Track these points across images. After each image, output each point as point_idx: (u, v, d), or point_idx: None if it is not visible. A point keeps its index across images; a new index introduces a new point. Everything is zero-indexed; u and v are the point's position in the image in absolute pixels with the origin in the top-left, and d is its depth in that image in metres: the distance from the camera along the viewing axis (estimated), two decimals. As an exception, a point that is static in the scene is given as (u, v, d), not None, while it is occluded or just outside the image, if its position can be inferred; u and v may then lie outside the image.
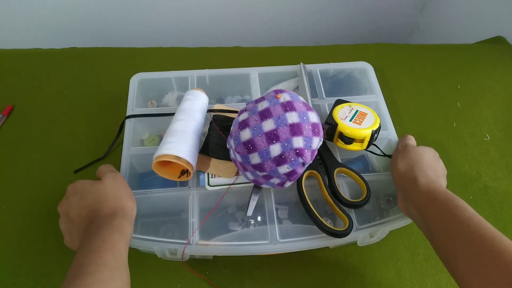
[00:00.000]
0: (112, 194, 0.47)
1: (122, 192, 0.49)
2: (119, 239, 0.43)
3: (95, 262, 0.39)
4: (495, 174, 0.68)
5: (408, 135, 0.58)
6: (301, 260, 0.57)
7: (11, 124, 0.71)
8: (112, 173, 0.50)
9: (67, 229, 0.47)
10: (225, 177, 0.55)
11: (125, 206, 0.47)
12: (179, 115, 0.56)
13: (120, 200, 0.47)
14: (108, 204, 0.46)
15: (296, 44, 0.89)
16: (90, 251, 0.40)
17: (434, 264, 0.58)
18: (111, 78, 0.78)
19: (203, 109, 0.59)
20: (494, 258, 0.36)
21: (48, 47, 0.83)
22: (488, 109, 0.77)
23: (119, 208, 0.46)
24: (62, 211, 0.47)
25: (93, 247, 0.40)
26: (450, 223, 0.42)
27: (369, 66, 0.71)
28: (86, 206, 0.46)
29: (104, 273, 0.38)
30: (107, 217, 0.45)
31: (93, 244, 0.41)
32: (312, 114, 0.50)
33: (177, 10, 1.13)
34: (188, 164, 0.50)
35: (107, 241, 0.41)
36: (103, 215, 0.45)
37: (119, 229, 0.44)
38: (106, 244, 0.41)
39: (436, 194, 0.45)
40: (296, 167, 0.48)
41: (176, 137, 0.52)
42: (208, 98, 0.61)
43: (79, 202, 0.46)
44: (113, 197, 0.47)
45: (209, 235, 0.52)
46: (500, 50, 0.89)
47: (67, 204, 0.47)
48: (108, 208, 0.46)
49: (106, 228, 0.43)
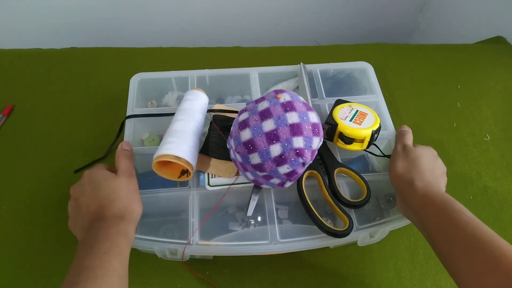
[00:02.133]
0: (124, 195, 0.47)
1: (134, 196, 0.49)
2: (126, 245, 0.43)
3: (103, 266, 0.38)
4: (495, 174, 0.68)
5: (405, 132, 0.57)
6: (301, 260, 0.57)
7: (11, 124, 0.71)
8: (128, 173, 0.50)
9: (73, 214, 0.47)
10: (225, 177, 0.55)
11: (134, 210, 0.47)
12: (179, 115, 0.56)
13: (131, 204, 0.47)
14: (118, 205, 0.46)
15: (296, 44, 0.89)
16: (98, 254, 0.39)
17: (434, 264, 0.58)
18: (111, 78, 0.78)
19: (203, 109, 0.59)
20: (493, 264, 0.36)
21: (48, 47, 0.83)
22: (488, 109, 0.77)
23: (128, 211, 0.46)
24: (73, 194, 0.48)
25: (102, 250, 0.40)
26: (447, 227, 0.42)
27: (369, 66, 0.71)
28: (96, 200, 0.46)
29: (113, 279, 0.38)
30: (115, 218, 0.44)
31: (101, 247, 0.40)
32: (312, 114, 0.50)
33: (177, 10, 1.13)
34: (188, 164, 0.50)
35: (115, 245, 0.41)
36: (110, 215, 0.45)
37: (126, 234, 0.44)
38: (114, 249, 0.41)
39: (433, 197, 0.45)
40: (296, 167, 0.48)
41: (176, 137, 0.52)
42: (208, 98, 0.61)
43: (91, 193, 0.46)
44: (124, 198, 0.47)
45: (209, 235, 0.52)
46: (500, 50, 0.89)
47: (80, 190, 0.47)
48: (117, 209, 0.45)
49: (114, 231, 0.43)
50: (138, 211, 0.48)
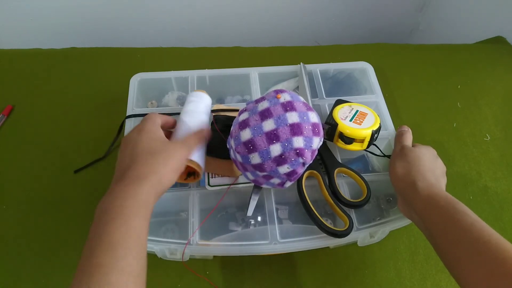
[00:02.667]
0: (165, 158, 0.40)
1: (175, 164, 0.41)
2: (143, 227, 0.35)
3: (115, 266, 0.32)
4: (495, 174, 0.68)
5: (405, 132, 0.56)
6: (301, 260, 0.57)
7: (11, 124, 0.71)
8: (187, 144, 0.44)
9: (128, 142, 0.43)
10: (230, 176, 0.55)
11: (164, 175, 0.39)
12: (185, 117, 0.55)
13: (163, 168, 0.40)
14: (149, 162, 0.39)
15: (296, 44, 0.89)
16: (111, 244, 0.33)
17: (434, 264, 0.58)
18: (111, 78, 0.78)
19: (208, 111, 0.58)
20: (499, 266, 0.36)
21: (48, 47, 0.83)
22: (488, 109, 0.77)
23: (154, 172, 0.39)
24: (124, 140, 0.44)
25: (115, 238, 0.34)
26: (452, 228, 0.41)
27: (369, 66, 0.71)
28: (132, 155, 0.40)
29: (129, 285, 0.33)
30: (136, 179, 0.38)
31: (116, 233, 0.34)
32: (312, 114, 0.50)
33: (177, 10, 1.13)
34: (198, 167, 0.49)
35: (131, 228, 0.34)
36: (132, 175, 0.38)
37: (146, 208, 0.36)
38: (131, 234, 0.34)
39: (437, 198, 0.45)
40: (296, 167, 0.48)
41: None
42: (211, 100, 0.60)
43: (133, 146, 0.41)
44: (163, 160, 0.40)
45: (209, 235, 0.52)
46: (500, 50, 0.89)
47: (125, 140, 0.43)
48: (145, 167, 0.38)
49: (130, 204, 0.36)
50: (170, 177, 0.40)
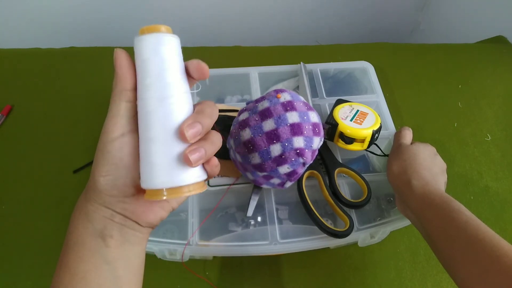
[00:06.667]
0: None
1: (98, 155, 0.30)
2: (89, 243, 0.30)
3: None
4: (496, 174, 0.68)
5: (404, 130, 0.55)
6: (301, 260, 0.57)
7: (11, 124, 0.71)
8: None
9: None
10: (231, 176, 0.55)
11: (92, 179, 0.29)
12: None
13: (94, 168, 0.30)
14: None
15: (296, 43, 0.89)
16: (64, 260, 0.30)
17: (434, 265, 0.58)
18: (111, 78, 0.77)
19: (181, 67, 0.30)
20: (494, 263, 0.36)
21: (47, 47, 0.83)
22: (489, 109, 0.77)
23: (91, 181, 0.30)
24: None
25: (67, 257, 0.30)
26: (447, 227, 0.42)
27: (370, 65, 0.71)
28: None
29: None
30: (85, 192, 0.31)
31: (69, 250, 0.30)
32: (313, 114, 0.50)
33: (177, 9, 1.12)
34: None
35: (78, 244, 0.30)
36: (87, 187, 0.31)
37: (88, 219, 0.29)
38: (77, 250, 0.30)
39: (432, 197, 0.45)
40: (296, 167, 0.48)
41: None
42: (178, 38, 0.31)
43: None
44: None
45: (209, 235, 0.52)
46: (501, 50, 0.88)
47: None
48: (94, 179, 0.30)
49: (77, 216, 0.30)
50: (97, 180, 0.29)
